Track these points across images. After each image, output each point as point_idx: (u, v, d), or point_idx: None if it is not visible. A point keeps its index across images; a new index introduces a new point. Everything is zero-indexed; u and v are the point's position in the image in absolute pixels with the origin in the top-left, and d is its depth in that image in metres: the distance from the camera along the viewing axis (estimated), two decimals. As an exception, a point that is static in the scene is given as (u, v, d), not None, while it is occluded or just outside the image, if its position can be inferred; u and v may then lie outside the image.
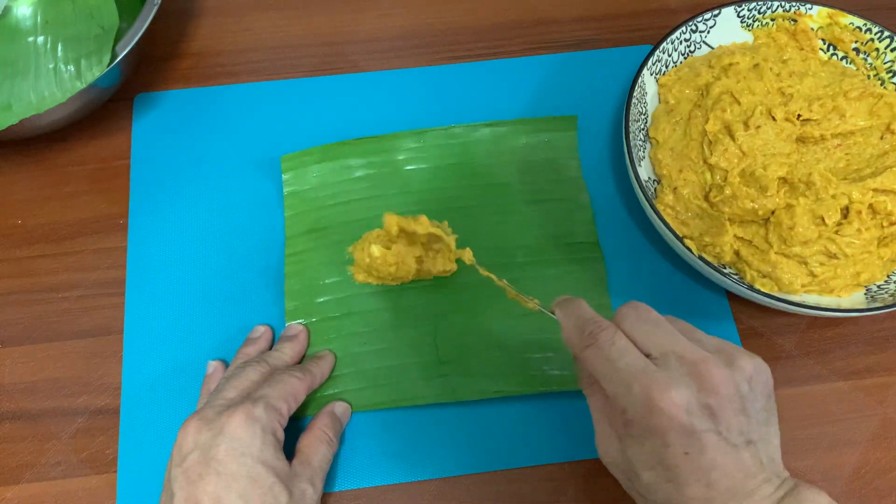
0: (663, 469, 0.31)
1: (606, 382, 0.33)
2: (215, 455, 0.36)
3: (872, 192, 0.45)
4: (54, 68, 0.52)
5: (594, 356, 0.34)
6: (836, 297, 0.46)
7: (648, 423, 0.31)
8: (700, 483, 0.31)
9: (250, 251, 0.49)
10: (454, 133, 0.52)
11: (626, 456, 0.33)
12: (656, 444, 0.31)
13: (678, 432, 0.31)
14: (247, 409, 0.37)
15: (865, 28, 0.52)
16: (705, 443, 0.31)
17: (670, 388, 0.31)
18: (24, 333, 0.47)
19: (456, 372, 0.45)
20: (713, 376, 0.31)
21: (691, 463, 0.31)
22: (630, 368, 0.32)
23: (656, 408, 0.31)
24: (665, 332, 0.33)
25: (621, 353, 0.33)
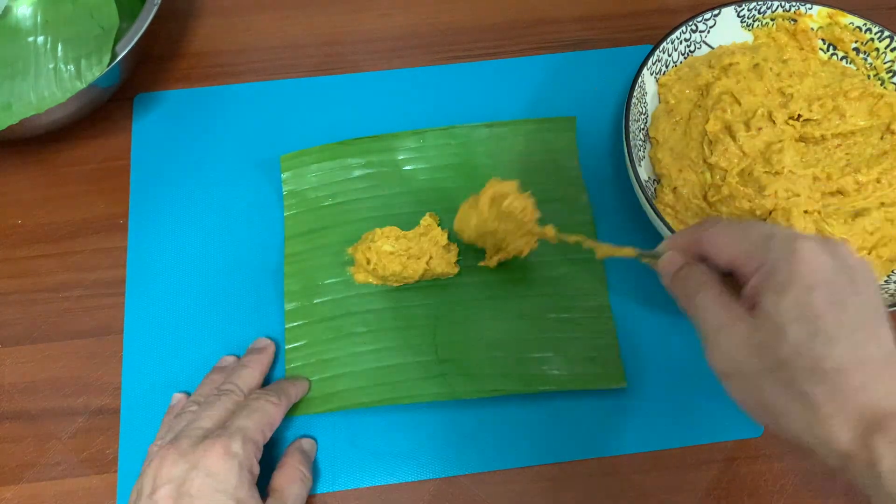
0: (810, 319, 0.29)
1: (739, 246, 0.32)
2: (189, 490, 0.35)
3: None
4: (54, 68, 0.52)
5: (721, 229, 0.34)
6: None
7: (793, 267, 0.30)
8: (848, 340, 0.29)
9: (250, 251, 0.49)
10: (454, 133, 0.52)
11: (763, 322, 0.30)
12: (800, 290, 0.29)
13: (823, 276, 0.30)
14: (224, 444, 0.36)
15: (865, 28, 0.52)
16: (847, 298, 0.29)
17: (811, 240, 0.30)
18: (24, 333, 0.47)
19: (455, 371, 0.45)
20: (842, 247, 0.31)
21: (837, 314, 0.29)
22: (764, 228, 0.32)
23: (802, 249, 0.30)
24: (779, 230, 0.33)
25: (750, 224, 0.33)
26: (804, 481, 0.45)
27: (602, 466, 0.45)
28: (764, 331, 0.30)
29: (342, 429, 0.45)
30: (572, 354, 0.46)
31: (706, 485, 0.44)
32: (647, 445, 0.45)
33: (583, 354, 0.46)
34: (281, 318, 0.47)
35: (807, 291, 0.29)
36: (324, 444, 0.44)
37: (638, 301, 0.49)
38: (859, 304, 0.29)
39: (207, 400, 0.40)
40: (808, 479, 0.45)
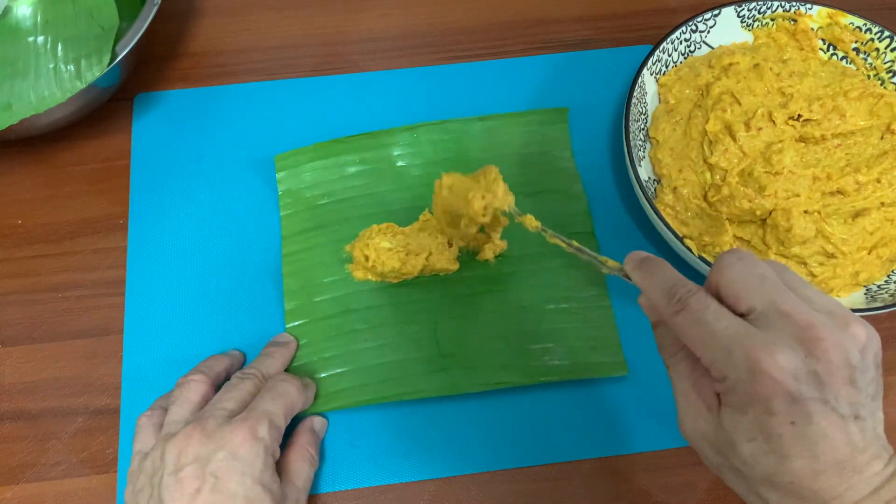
0: (765, 440, 0.29)
1: (702, 349, 0.30)
2: (215, 471, 0.35)
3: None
4: (54, 68, 0.52)
5: (686, 322, 0.31)
6: (835, 297, 0.46)
7: (752, 389, 0.29)
8: (806, 455, 0.28)
9: (250, 251, 0.49)
10: (447, 128, 0.52)
11: (723, 428, 0.30)
12: (759, 413, 0.29)
13: (784, 399, 0.28)
14: (251, 426, 0.37)
15: (865, 28, 0.52)
16: (812, 411, 0.28)
17: (776, 352, 0.28)
18: (24, 333, 0.47)
19: (457, 365, 0.45)
20: (823, 341, 0.28)
21: (797, 433, 0.28)
22: (729, 332, 0.29)
23: (761, 372, 0.28)
24: (772, 286, 0.30)
25: (717, 317, 0.30)
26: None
27: (602, 466, 0.45)
28: (722, 440, 0.30)
29: (342, 429, 0.45)
30: (573, 344, 0.46)
31: (706, 485, 0.44)
32: (647, 445, 0.45)
33: (583, 344, 0.46)
34: (281, 317, 0.47)
35: (766, 415, 0.29)
36: (324, 445, 0.44)
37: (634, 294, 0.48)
38: (826, 412, 0.28)
39: (230, 382, 0.41)
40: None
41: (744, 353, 0.29)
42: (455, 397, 0.45)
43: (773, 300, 0.30)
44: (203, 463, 0.35)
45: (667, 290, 0.32)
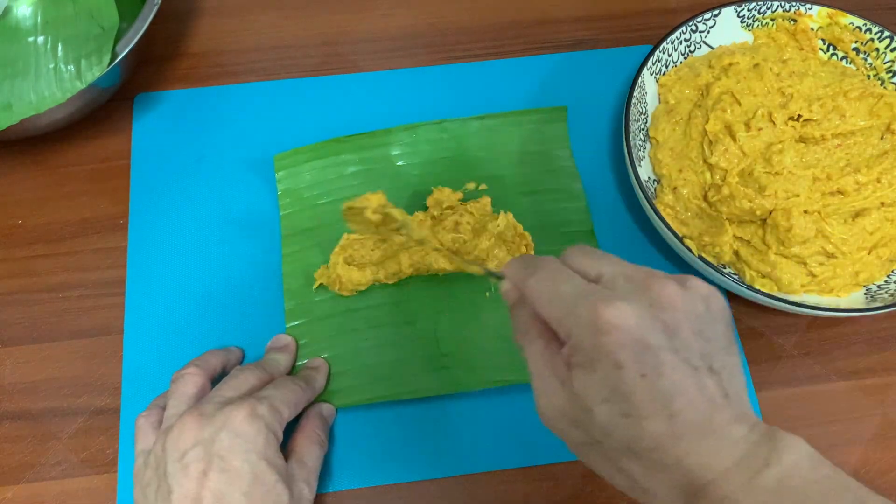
0: (619, 399, 0.27)
1: (550, 307, 0.30)
2: (218, 451, 0.35)
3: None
4: (54, 68, 0.52)
5: (538, 281, 0.31)
6: (835, 297, 0.46)
7: (597, 341, 0.27)
8: (662, 414, 0.27)
9: (250, 250, 0.49)
10: (446, 127, 0.52)
11: (575, 395, 0.29)
12: (608, 368, 0.27)
13: (631, 349, 0.27)
14: (251, 406, 0.37)
15: (865, 28, 0.52)
16: (663, 361, 0.27)
17: (619, 302, 0.28)
18: (24, 333, 0.47)
19: (457, 364, 0.45)
20: (666, 291, 0.28)
21: (649, 387, 0.27)
22: (575, 290, 0.29)
23: (605, 322, 0.27)
24: (613, 260, 0.31)
25: (568, 277, 0.30)
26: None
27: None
28: (577, 408, 0.29)
29: (342, 429, 0.45)
30: None
31: (706, 485, 0.44)
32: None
33: None
34: (281, 317, 0.47)
35: (614, 369, 0.27)
36: (324, 444, 0.44)
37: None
38: (677, 364, 0.27)
39: (232, 373, 0.41)
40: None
41: (588, 306, 0.28)
42: (455, 397, 0.45)
43: (621, 267, 0.30)
44: (206, 445, 0.35)
45: (523, 261, 0.33)
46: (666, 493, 0.28)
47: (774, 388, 0.47)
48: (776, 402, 0.46)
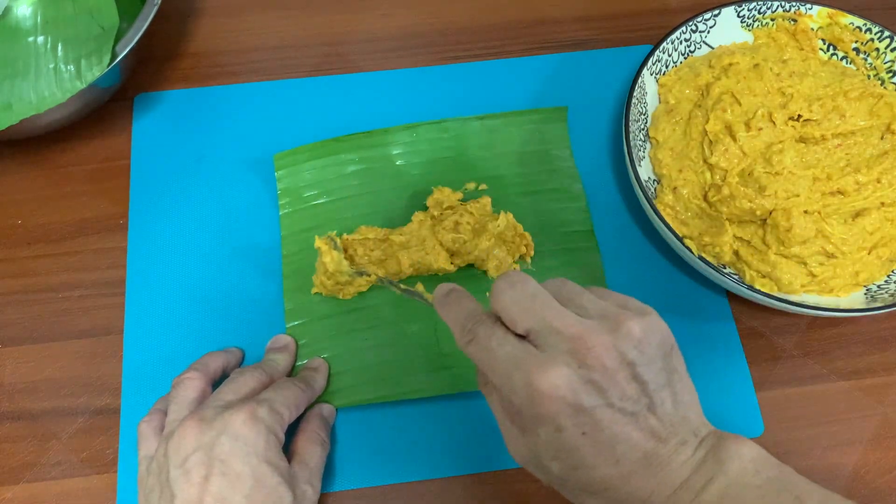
0: (566, 455, 0.29)
1: (492, 375, 0.31)
2: (219, 454, 0.35)
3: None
4: (54, 68, 0.52)
5: (476, 351, 0.32)
6: (835, 297, 0.46)
7: (535, 411, 0.29)
8: (609, 462, 0.29)
9: (251, 250, 0.49)
10: (446, 127, 0.52)
11: (531, 450, 0.31)
12: (550, 431, 0.29)
13: (567, 414, 0.29)
14: (251, 409, 0.37)
15: (865, 28, 0.52)
16: (599, 418, 0.29)
17: (549, 370, 0.29)
18: (24, 333, 0.47)
19: (458, 364, 0.45)
20: (593, 349, 0.29)
21: (591, 442, 0.29)
22: (509, 356, 0.30)
23: (538, 393, 0.29)
24: (542, 305, 0.31)
25: (500, 343, 0.31)
26: (804, 481, 0.44)
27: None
28: (536, 461, 0.31)
29: (342, 429, 0.45)
30: None
31: (706, 485, 0.44)
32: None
33: None
34: (281, 317, 0.47)
35: (556, 431, 0.29)
36: (324, 444, 0.44)
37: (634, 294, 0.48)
38: (614, 416, 0.29)
39: (232, 377, 0.41)
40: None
41: (521, 375, 0.29)
42: (456, 397, 0.45)
43: (543, 317, 0.30)
44: (206, 450, 0.35)
45: (461, 321, 0.33)
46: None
47: (774, 388, 0.47)
48: (776, 402, 0.46)
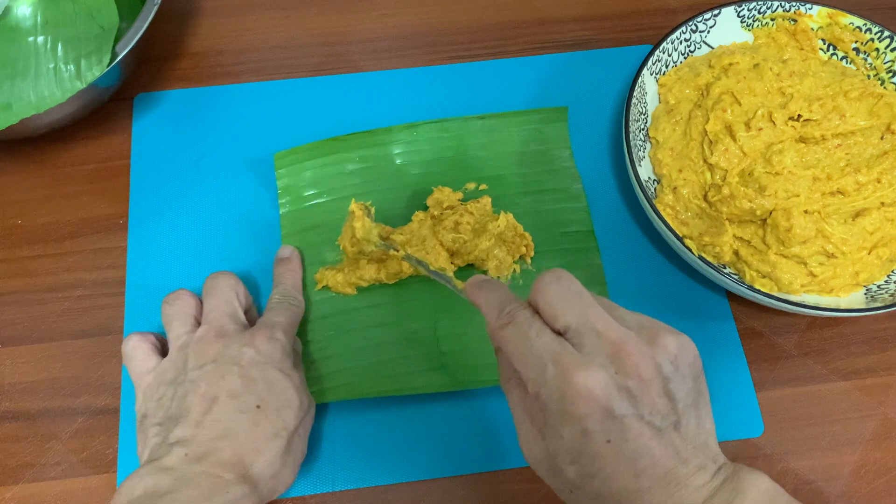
0: (587, 461, 0.29)
1: (522, 364, 0.31)
2: (239, 361, 0.38)
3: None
4: (54, 68, 0.52)
5: (511, 334, 0.32)
6: (835, 297, 0.46)
7: (565, 408, 0.29)
8: (627, 474, 0.29)
9: (250, 250, 0.49)
10: (446, 126, 0.52)
11: (549, 451, 0.30)
12: (575, 433, 0.29)
13: (597, 418, 0.28)
14: (269, 330, 0.41)
15: (865, 28, 0.52)
16: (627, 428, 0.28)
17: (586, 370, 0.29)
18: (24, 333, 0.47)
19: (457, 362, 0.45)
20: (633, 356, 0.29)
21: (615, 451, 0.29)
22: (546, 348, 0.30)
23: (572, 390, 0.29)
24: (586, 304, 0.31)
25: (538, 333, 0.31)
26: (804, 482, 0.45)
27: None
28: (552, 462, 0.31)
29: (342, 429, 0.45)
30: None
31: (706, 485, 0.44)
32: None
33: None
34: (281, 318, 0.47)
35: (582, 436, 0.29)
36: (324, 445, 0.44)
37: (634, 294, 0.49)
38: (638, 429, 0.29)
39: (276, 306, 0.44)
40: (807, 480, 0.45)
41: (557, 370, 0.29)
42: (455, 397, 0.45)
43: (586, 317, 0.30)
44: (228, 358, 0.39)
45: (498, 306, 0.33)
46: None
47: (774, 388, 0.47)
48: (776, 402, 0.46)
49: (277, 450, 0.38)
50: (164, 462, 0.35)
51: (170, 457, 0.35)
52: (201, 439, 0.36)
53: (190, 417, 0.37)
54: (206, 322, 0.41)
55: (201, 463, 0.35)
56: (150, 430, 0.38)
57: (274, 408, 0.38)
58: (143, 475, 0.34)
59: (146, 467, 0.35)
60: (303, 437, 0.40)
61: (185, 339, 0.41)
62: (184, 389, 0.38)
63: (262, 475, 0.37)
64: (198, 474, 0.35)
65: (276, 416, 0.38)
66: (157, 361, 0.41)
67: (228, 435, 0.36)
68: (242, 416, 0.37)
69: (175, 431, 0.36)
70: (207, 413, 0.37)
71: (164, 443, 0.36)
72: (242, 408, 0.37)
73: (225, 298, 0.43)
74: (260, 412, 0.38)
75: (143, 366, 0.41)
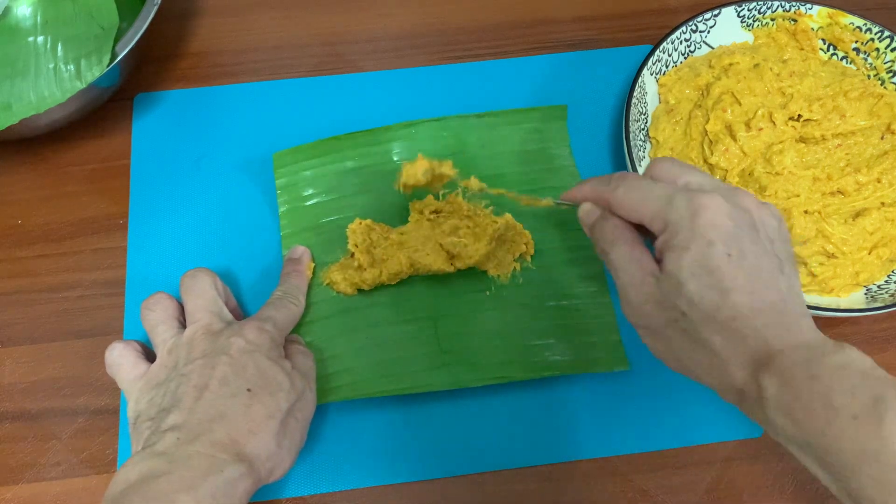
0: (707, 273, 0.31)
1: (644, 206, 0.34)
2: (228, 351, 0.39)
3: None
4: (54, 68, 0.52)
5: (628, 189, 0.35)
6: (835, 297, 0.46)
7: (693, 223, 0.32)
8: (744, 289, 0.31)
9: (250, 251, 0.49)
10: (445, 125, 0.52)
11: (668, 276, 0.33)
12: (701, 246, 0.32)
13: (722, 231, 0.32)
14: (259, 323, 0.41)
15: (865, 28, 0.52)
16: (746, 247, 0.32)
17: (711, 195, 0.33)
18: (24, 333, 0.47)
19: (458, 361, 0.45)
20: (750, 199, 0.33)
21: (734, 265, 0.31)
22: (668, 190, 0.34)
23: (703, 207, 0.32)
24: (698, 170, 0.36)
25: (657, 180, 0.35)
26: (804, 482, 0.45)
27: (602, 466, 0.45)
28: (667, 286, 0.33)
29: (343, 429, 0.45)
30: (574, 340, 0.46)
31: (706, 485, 0.44)
32: (647, 445, 0.45)
33: (584, 340, 0.46)
34: (281, 318, 0.47)
35: (706, 247, 0.32)
36: (324, 445, 0.44)
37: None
38: (758, 252, 0.32)
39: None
40: (807, 480, 0.45)
41: (686, 197, 0.33)
42: (455, 397, 0.45)
43: (707, 177, 0.36)
44: (217, 350, 0.39)
45: (603, 179, 0.38)
46: (739, 361, 0.32)
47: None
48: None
49: (272, 430, 0.38)
50: (157, 447, 0.35)
51: (163, 442, 0.35)
52: (193, 423, 0.36)
53: (182, 406, 0.37)
54: (192, 322, 0.41)
55: (194, 444, 0.35)
56: (142, 425, 0.38)
57: (266, 391, 0.38)
58: (136, 462, 0.34)
59: (140, 454, 0.35)
60: (301, 424, 0.40)
61: (174, 341, 0.40)
62: (175, 383, 0.38)
63: (257, 455, 0.37)
64: (191, 455, 0.35)
65: (268, 398, 0.38)
66: (146, 367, 0.40)
67: (220, 417, 0.36)
68: (234, 399, 0.37)
69: (167, 420, 0.36)
70: (198, 400, 0.37)
71: (156, 431, 0.36)
72: (234, 391, 0.37)
73: (209, 297, 0.42)
74: (251, 395, 0.38)
75: (132, 373, 0.40)
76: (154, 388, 0.39)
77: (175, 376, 0.38)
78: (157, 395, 0.38)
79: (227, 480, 0.35)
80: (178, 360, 0.39)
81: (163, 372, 0.39)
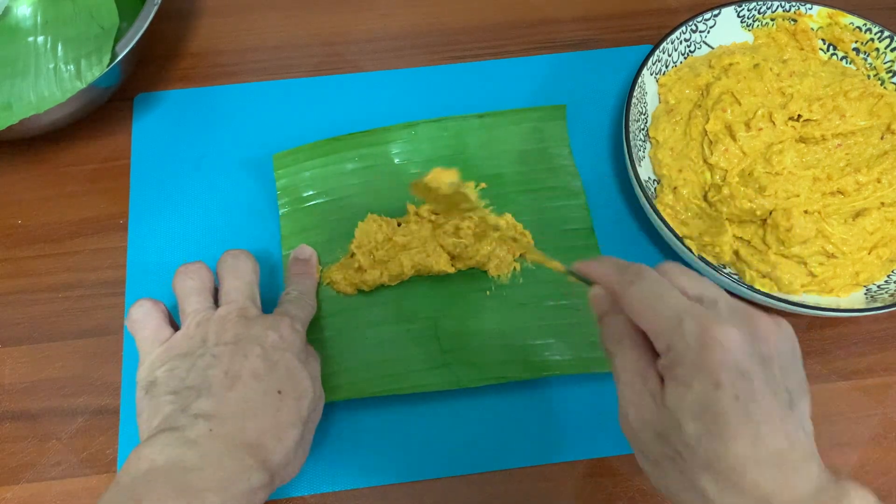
0: (710, 417, 0.28)
1: (653, 319, 0.31)
2: (263, 343, 0.38)
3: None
4: (54, 68, 0.52)
5: (641, 291, 0.31)
6: (835, 297, 0.46)
7: (700, 358, 0.29)
8: (747, 439, 0.28)
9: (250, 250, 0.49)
10: (445, 125, 0.52)
11: (667, 409, 0.30)
12: (706, 386, 0.28)
13: (731, 372, 0.28)
14: (291, 319, 0.41)
15: (865, 28, 0.52)
16: (757, 388, 0.28)
17: (724, 325, 0.29)
18: (24, 333, 0.47)
19: (458, 361, 0.45)
20: (765, 324, 0.30)
21: (741, 410, 0.28)
22: (682, 304, 0.30)
23: (712, 339, 0.28)
24: (711, 283, 0.32)
25: (670, 289, 0.31)
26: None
27: (602, 467, 0.45)
28: (665, 421, 0.30)
29: (343, 429, 0.45)
30: (573, 340, 0.46)
31: (706, 485, 0.44)
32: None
33: (584, 339, 0.46)
34: (281, 318, 0.47)
35: (713, 388, 0.28)
36: (324, 444, 0.44)
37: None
38: (768, 392, 0.29)
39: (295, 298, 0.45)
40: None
41: (695, 322, 0.29)
42: (456, 398, 0.45)
43: (721, 293, 0.32)
44: (252, 338, 0.38)
45: (621, 266, 0.34)
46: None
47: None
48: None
49: (294, 439, 0.37)
50: (188, 434, 0.34)
51: (194, 429, 0.35)
52: (226, 415, 0.36)
53: (212, 392, 0.36)
54: (227, 301, 0.41)
55: (225, 442, 0.35)
56: (161, 398, 0.37)
57: (293, 396, 0.38)
58: (164, 443, 0.34)
59: (167, 435, 0.34)
60: (311, 430, 0.40)
61: (205, 314, 0.40)
62: (204, 362, 0.37)
63: (279, 464, 0.37)
64: (222, 454, 0.34)
65: (294, 405, 0.38)
66: (170, 334, 0.40)
67: (252, 415, 0.36)
68: (266, 398, 0.37)
69: (197, 403, 0.36)
70: (230, 390, 0.36)
71: (184, 413, 0.36)
72: (265, 389, 0.37)
73: (247, 280, 0.42)
74: (281, 398, 0.37)
75: (155, 335, 0.40)
76: (175, 357, 0.38)
77: (203, 353, 0.38)
78: (180, 368, 0.38)
79: (251, 489, 0.35)
80: (208, 337, 0.39)
81: (186, 343, 0.39)
